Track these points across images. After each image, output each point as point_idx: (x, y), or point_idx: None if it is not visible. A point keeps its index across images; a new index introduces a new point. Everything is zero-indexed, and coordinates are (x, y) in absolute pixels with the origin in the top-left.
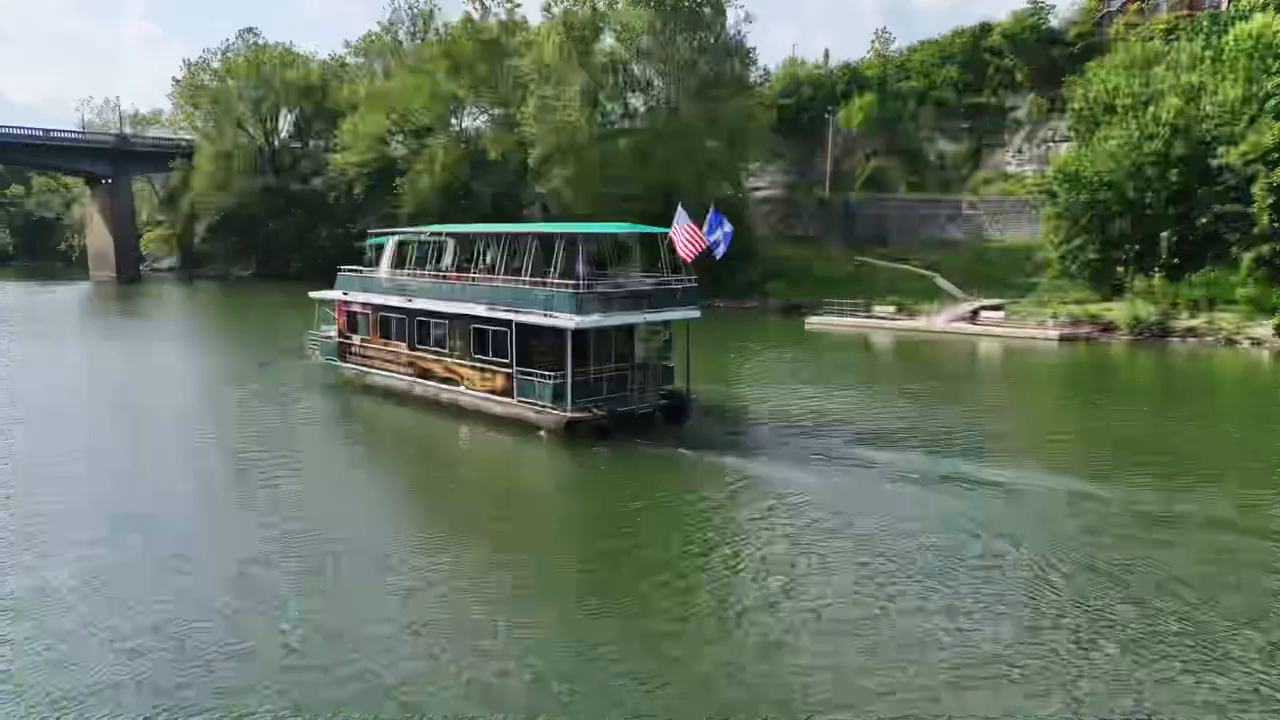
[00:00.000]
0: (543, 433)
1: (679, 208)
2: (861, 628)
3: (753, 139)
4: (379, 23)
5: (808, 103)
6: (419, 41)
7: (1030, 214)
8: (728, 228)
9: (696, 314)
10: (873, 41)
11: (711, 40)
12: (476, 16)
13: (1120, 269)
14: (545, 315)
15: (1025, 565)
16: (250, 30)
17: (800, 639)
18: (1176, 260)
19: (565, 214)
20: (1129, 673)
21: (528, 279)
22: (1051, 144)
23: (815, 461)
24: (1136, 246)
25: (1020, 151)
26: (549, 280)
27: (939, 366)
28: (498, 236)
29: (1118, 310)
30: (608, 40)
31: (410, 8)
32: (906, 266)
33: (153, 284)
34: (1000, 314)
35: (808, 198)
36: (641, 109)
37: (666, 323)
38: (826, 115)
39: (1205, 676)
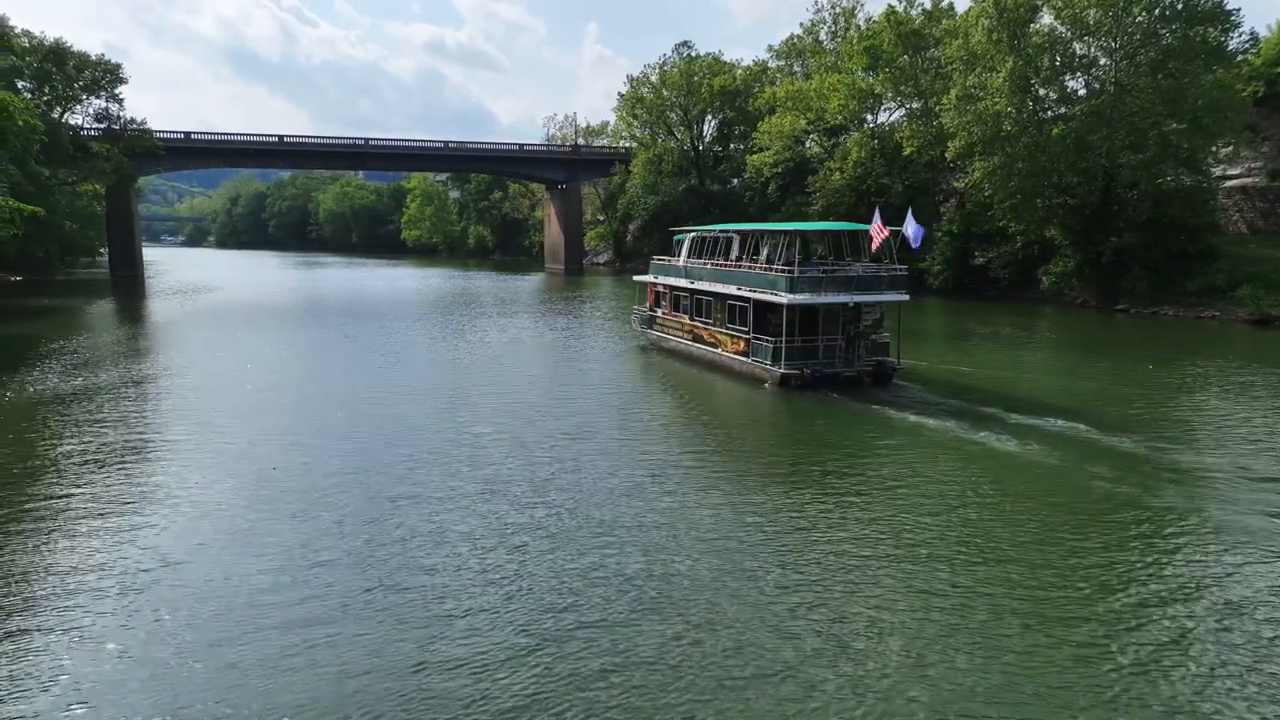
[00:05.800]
0: (766, 384)
1: (876, 210)
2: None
3: (1227, 118)
4: (801, 24)
5: None
6: (839, 41)
7: None
8: (917, 226)
9: (904, 298)
10: None
11: (1179, 6)
12: (900, 8)
13: None
14: (771, 294)
15: None
16: (685, 44)
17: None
18: None
19: (984, 208)
20: None
21: (761, 265)
22: None
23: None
24: None
25: None
26: (775, 266)
27: None
28: (769, 233)
29: None
30: (1045, 19)
31: (833, 6)
32: None
33: (590, 276)
34: None
35: None
36: (1081, 91)
37: (878, 303)
38: None
39: None
